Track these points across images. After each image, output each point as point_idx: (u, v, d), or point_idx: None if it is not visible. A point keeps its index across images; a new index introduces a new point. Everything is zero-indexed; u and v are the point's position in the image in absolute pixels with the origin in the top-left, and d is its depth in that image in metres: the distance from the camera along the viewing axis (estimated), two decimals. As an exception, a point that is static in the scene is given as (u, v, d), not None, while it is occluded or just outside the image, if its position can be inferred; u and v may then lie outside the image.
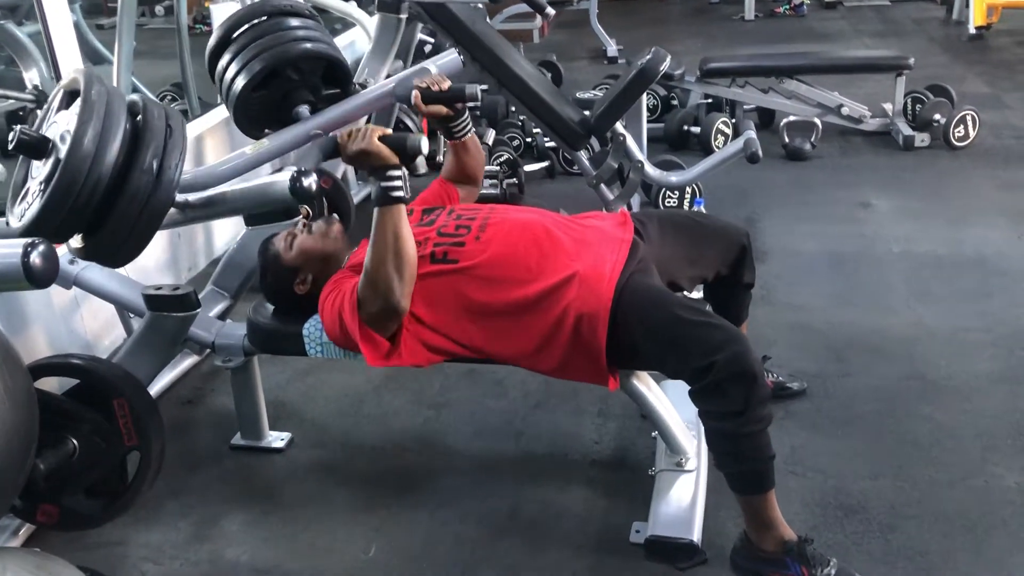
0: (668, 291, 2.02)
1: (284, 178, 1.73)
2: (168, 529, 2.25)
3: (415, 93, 2.11)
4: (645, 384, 2.13)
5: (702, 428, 2.25)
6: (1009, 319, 2.93)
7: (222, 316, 2.65)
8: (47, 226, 1.62)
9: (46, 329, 2.73)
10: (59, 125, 1.69)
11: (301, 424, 2.64)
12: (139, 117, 1.70)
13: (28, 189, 1.71)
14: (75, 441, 2.06)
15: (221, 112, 3.79)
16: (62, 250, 2.40)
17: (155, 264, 3.40)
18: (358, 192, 4.12)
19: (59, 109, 1.74)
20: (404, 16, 3.75)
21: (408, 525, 2.20)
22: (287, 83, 2.59)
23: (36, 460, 1.95)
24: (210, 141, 3.77)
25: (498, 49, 3.27)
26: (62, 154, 1.60)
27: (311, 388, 2.82)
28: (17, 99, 3.64)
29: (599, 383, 1.98)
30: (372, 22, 4.02)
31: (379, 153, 1.83)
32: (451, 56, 2.73)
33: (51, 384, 2.18)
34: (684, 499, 2.11)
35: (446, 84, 2.15)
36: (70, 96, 1.71)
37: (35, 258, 1.31)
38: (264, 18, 2.62)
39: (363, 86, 3.55)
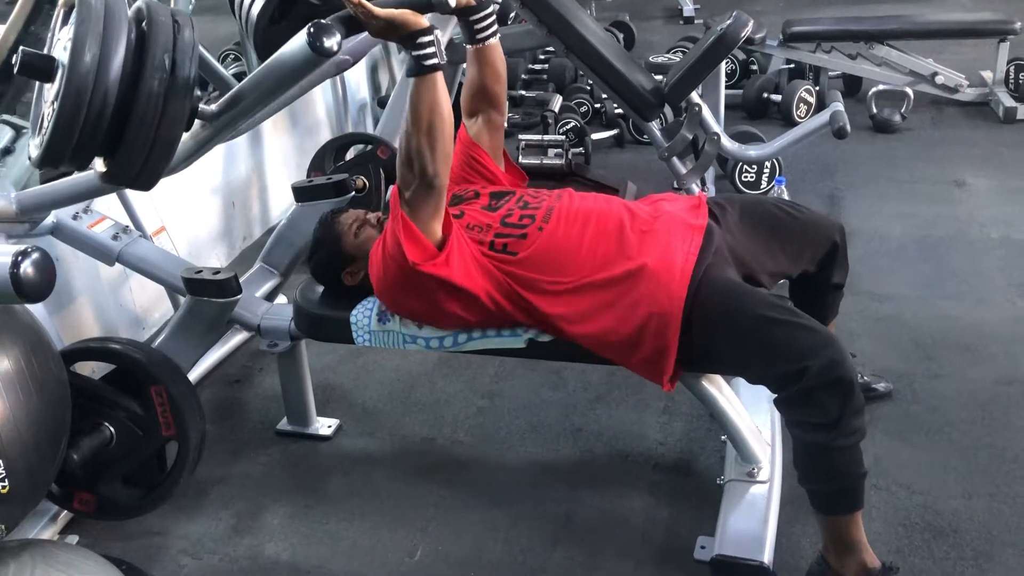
0: (750, 287, 1.84)
1: (300, 38, 1.53)
2: (208, 520, 2.16)
3: None
4: (715, 385, 1.96)
5: (777, 435, 2.09)
6: (1122, 317, 2.66)
7: (271, 295, 2.54)
8: (62, 149, 1.49)
9: (93, 303, 2.66)
10: (63, 41, 1.56)
11: (350, 409, 2.54)
12: (144, 23, 1.55)
13: (43, 116, 1.59)
14: (111, 429, 2.00)
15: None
16: (105, 225, 2.34)
17: (208, 234, 3.31)
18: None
19: (61, 26, 1.60)
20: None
21: (456, 526, 2.08)
22: (307, 8, 2.40)
23: (71, 447, 1.89)
24: (267, 105, 3.65)
25: (565, 10, 3.07)
26: (65, 66, 1.46)
27: (361, 370, 2.71)
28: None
29: (655, 381, 1.81)
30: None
31: (404, 20, 1.64)
32: None
33: (90, 367, 2.10)
34: (755, 514, 1.94)
35: None
36: (68, 9, 1.57)
37: (27, 268, 1.17)
38: None
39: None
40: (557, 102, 4.44)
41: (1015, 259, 3.05)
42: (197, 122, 1.72)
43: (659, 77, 3.21)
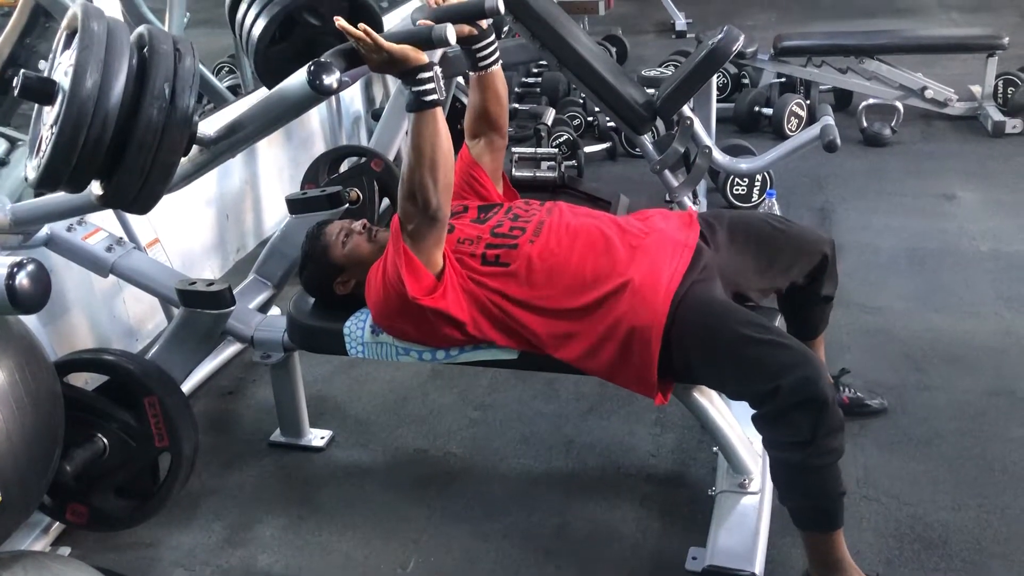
0: (730, 304, 1.84)
1: (300, 75, 1.54)
2: (201, 531, 2.16)
3: (429, 1, 1.86)
4: (706, 397, 1.96)
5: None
6: (1110, 330, 2.68)
7: (264, 306, 2.54)
8: (60, 173, 1.50)
9: (87, 314, 2.67)
10: (63, 65, 1.57)
11: (343, 421, 2.54)
12: (145, 49, 1.57)
13: (41, 138, 1.60)
14: (105, 440, 2.01)
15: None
16: (99, 236, 2.34)
17: (202, 246, 3.32)
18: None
19: (63, 50, 1.62)
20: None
21: (448, 538, 2.09)
22: (309, 29, 2.41)
23: (64, 459, 1.89)
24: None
25: (558, 25, 3.10)
26: (66, 91, 1.47)
27: (355, 382, 2.71)
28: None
29: (646, 395, 1.82)
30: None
31: (404, 56, 1.64)
32: None
33: (83, 378, 2.10)
34: (746, 525, 1.94)
35: None
36: (71, 34, 1.58)
37: (22, 280, 1.18)
38: None
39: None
40: (550, 115, 4.46)
41: (1004, 272, 3.07)
42: (195, 147, 1.73)
43: (651, 91, 3.23)
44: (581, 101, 4.68)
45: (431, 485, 2.26)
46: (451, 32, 1.60)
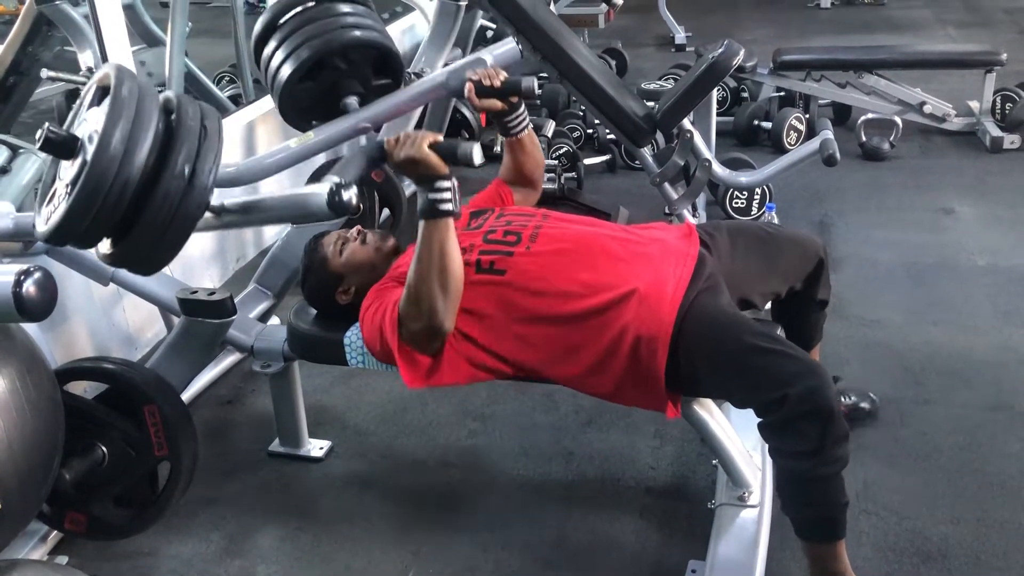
0: (737, 314, 1.85)
1: (323, 190, 1.60)
2: (199, 541, 2.16)
3: (468, 86, 1.98)
4: (706, 409, 1.96)
5: (768, 459, 2.10)
6: (1108, 345, 2.69)
7: (264, 316, 2.55)
8: (72, 231, 1.52)
9: (87, 322, 2.67)
10: (89, 123, 1.58)
11: (342, 431, 2.54)
12: (173, 116, 1.59)
13: (55, 190, 1.61)
14: (104, 448, 2.00)
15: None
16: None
17: (202, 254, 3.32)
18: (410, 184, 3.99)
19: (90, 106, 1.63)
20: (463, 2, 3.60)
21: (448, 549, 2.08)
22: (335, 73, 2.48)
23: (63, 467, 1.89)
24: (263, 128, 3.68)
25: (559, 37, 3.11)
26: (89, 155, 1.49)
27: (354, 393, 2.71)
28: (70, 81, 3.57)
29: (657, 410, 1.82)
30: (431, 7, 3.88)
31: (427, 162, 1.67)
32: (509, 46, 2.61)
33: (82, 386, 2.10)
34: (746, 539, 1.94)
35: (501, 77, 2.01)
36: (101, 93, 1.60)
37: (29, 287, 1.18)
38: (312, 3, 2.52)
39: (419, 75, 3.42)
40: (550, 127, 4.48)
41: (1002, 286, 3.08)
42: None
43: (651, 104, 3.24)
44: (581, 113, 4.69)
45: (430, 496, 2.26)
46: (477, 153, 1.62)
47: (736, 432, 2.02)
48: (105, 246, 1.62)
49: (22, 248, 2.21)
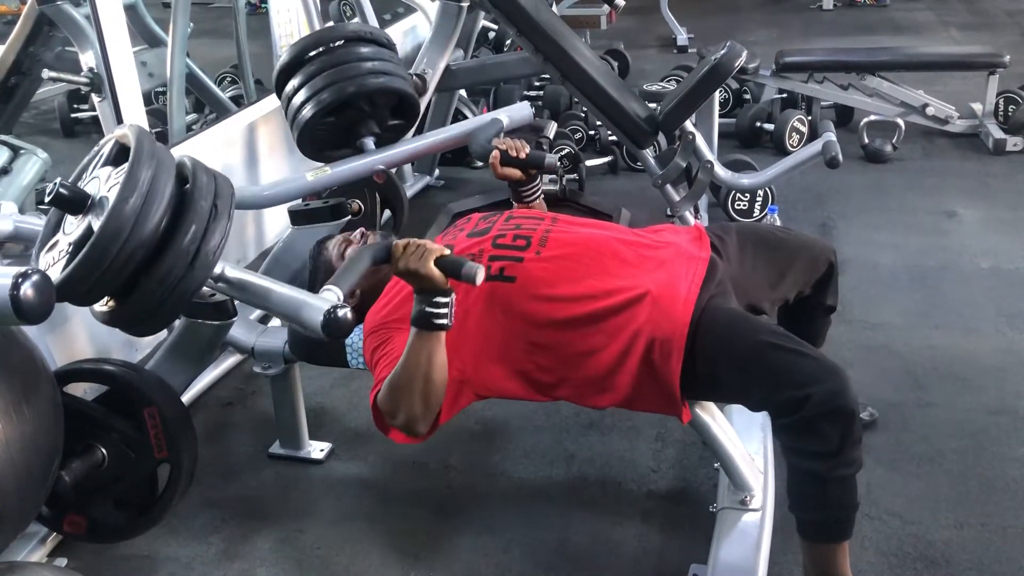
0: (752, 316, 1.85)
1: (321, 305, 1.57)
2: (199, 543, 2.15)
3: (495, 154, 2.09)
4: (708, 412, 1.95)
5: (770, 463, 2.09)
6: (1112, 349, 2.68)
7: (265, 317, 2.54)
8: (71, 293, 1.52)
9: (87, 324, 2.65)
10: (100, 182, 1.59)
11: (343, 433, 2.53)
12: (187, 185, 1.59)
13: (57, 242, 1.61)
14: (104, 450, 1.98)
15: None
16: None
17: (203, 255, 3.30)
18: (412, 185, 4.00)
19: (105, 163, 1.63)
20: (465, 3, 3.60)
21: (448, 552, 2.08)
22: (357, 113, 2.54)
23: (63, 469, 1.88)
24: (264, 129, 3.67)
25: (561, 39, 3.11)
26: (96, 224, 1.50)
27: (354, 394, 2.70)
28: (72, 82, 3.56)
29: (671, 414, 1.81)
30: (433, 8, 3.88)
31: (431, 277, 1.61)
32: (524, 111, 2.85)
33: (82, 387, 2.09)
34: (747, 543, 1.93)
35: (526, 151, 2.12)
36: (118, 152, 1.60)
37: (27, 290, 1.17)
38: (339, 43, 2.58)
39: (421, 76, 3.43)
40: (552, 129, 4.45)
41: (1005, 289, 3.07)
42: None
43: (653, 105, 3.24)
44: (583, 115, 4.68)
45: (431, 498, 2.25)
46: (480, 275, 1.60)
47: (738, 435, 2.01)
48: (101, 306, 1.64)
49: (23, 250, 2.21)
